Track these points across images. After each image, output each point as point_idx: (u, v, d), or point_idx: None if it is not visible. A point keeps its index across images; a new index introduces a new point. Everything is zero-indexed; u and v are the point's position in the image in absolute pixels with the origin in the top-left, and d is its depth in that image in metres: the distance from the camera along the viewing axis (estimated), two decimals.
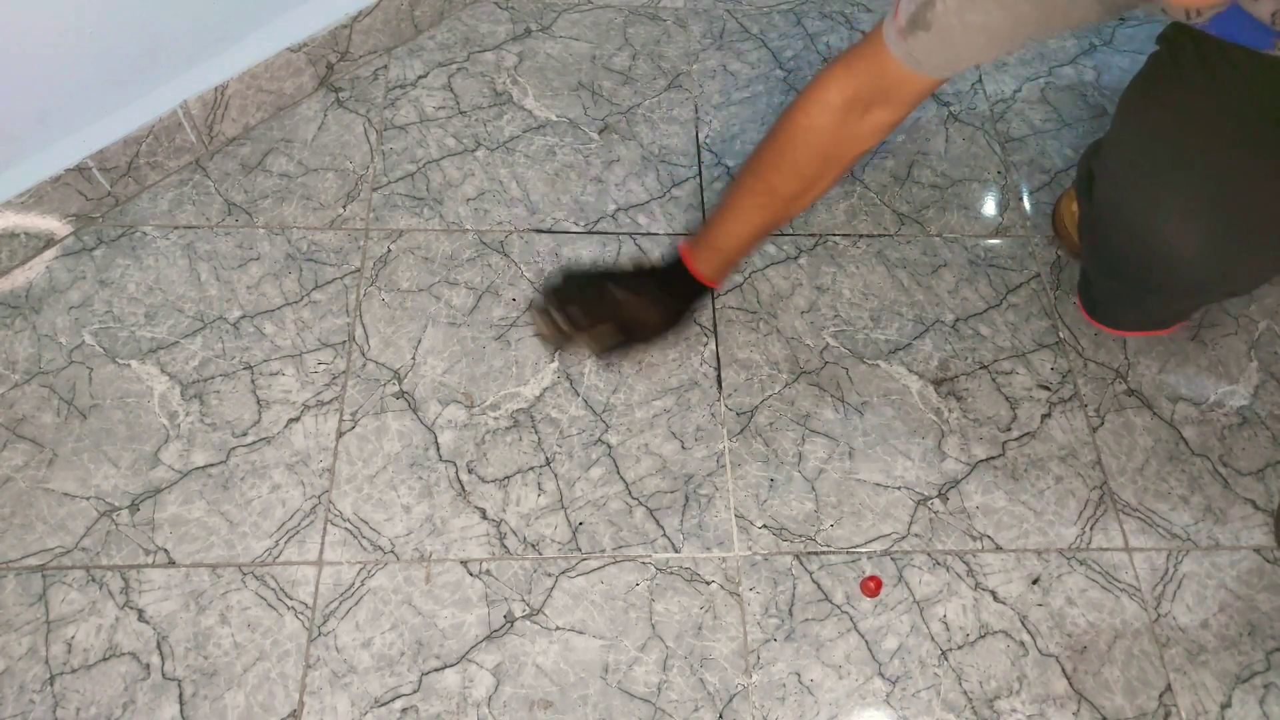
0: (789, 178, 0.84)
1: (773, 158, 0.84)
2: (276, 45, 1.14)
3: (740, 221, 0.89)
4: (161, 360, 1.00)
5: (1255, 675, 0.91)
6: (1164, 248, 0.88)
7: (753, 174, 0.86)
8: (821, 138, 0.81)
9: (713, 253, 0.92)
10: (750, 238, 0.90)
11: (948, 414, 1.04)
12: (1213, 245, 0.86)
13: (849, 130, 0.80)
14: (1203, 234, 0.85)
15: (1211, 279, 0.90)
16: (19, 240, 1.03)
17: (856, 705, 0.87)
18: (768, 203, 0.87)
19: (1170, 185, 0.86)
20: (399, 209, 1.13)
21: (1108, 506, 0.99)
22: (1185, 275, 0.90)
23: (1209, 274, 0.89)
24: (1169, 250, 0.87)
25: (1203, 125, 0.86)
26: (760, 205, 0.87)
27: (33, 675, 0.83)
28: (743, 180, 0.88)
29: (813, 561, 0.94)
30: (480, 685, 0.86)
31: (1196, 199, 0.85)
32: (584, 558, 0.92)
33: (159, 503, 0.92)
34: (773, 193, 0.86)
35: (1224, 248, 0.86)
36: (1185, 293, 0.97)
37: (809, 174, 0.84)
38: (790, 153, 0.83)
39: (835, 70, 0.79)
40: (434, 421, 0.99)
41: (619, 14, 1.34)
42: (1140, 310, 1.06)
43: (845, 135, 0.80)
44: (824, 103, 0.79)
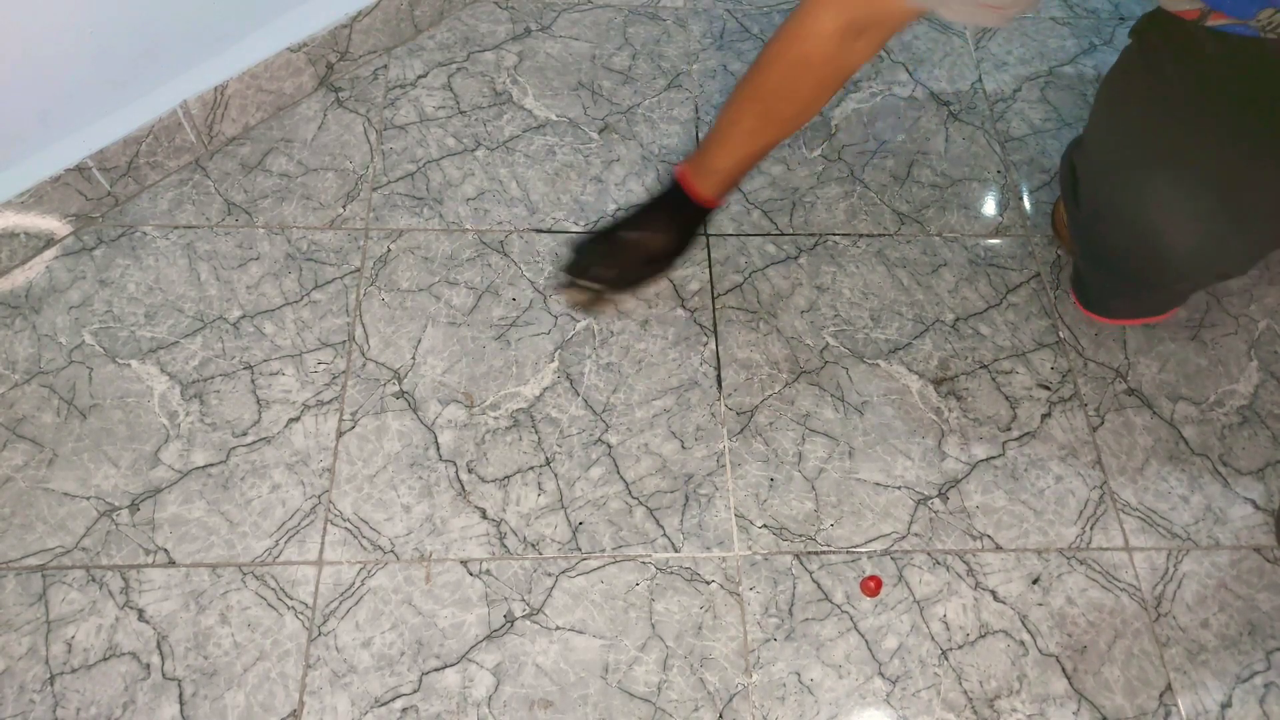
0: (788, 104, 0.87)
1: (773, 86, 0.87)
2: (276, 45, 1.14)
3: (739, 144, 0.91)
4: (161, 360, 1.00)
5: (1255, 675, 0.91)
6: (1153, 237, 0.89)
7: (751, 99, 0.89)
8: (820, 67, 0.84)
9: (712, 175, 0.94)
10: (750, 159, 0.93)
11: (948, 413, 1.04)
12: (1200, 231, 0.86)
13: (843, 57, 0.83)
14: (1189, 220, 0.86)
15: (1202, 264, 0.91)
16: (19, 240, 1.03)
17: (856, 705, 0.87)
18: (766, 126, 0.90)
19: (1153, 176, 0.87)
20: (399, 209, 1.13)
21: (1108, 506, 0.99)
22: (1175, 263, 0.90)
23: (1199, 259, 0.89)
24: (1158, 240, 0.88)
25: (1179, 114, 0.87)
26: (759, 129, 0.90)
27: (33, 675, 0.83)
28: (741, 106, 0.90)
29: (813, 561, 0.94)
30: (480, 685, 0.86)
31: (1180, 187, 0.86)
32: (584, 557, 0.92)
33: (159, 502, 0.92)
34: (771, 118, 0.89)
35: (1212, 232, 0.86)
36: (1177, 279, 0.97)
37: (807, 98, 0.87)
38: (792, 82, 0.85)
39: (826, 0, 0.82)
40: (434, 421, 0.99)
41: (619, 14, 1.34)
42: (1134, 299, 1.06)
43: (840, 61, 0.83)
44: (819, 33, 0.81)
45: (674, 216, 0.98)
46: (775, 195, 1.18)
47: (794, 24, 0.83)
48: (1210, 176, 0.85)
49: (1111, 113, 0.94)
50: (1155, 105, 0.89)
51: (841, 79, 0.86)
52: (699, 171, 0.94)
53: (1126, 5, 1.44)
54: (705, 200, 0.96)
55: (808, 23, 0.82)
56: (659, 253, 0.99)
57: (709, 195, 0.96)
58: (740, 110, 0.90)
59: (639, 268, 1.00)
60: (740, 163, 0.93)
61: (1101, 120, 0.95)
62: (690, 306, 1.09)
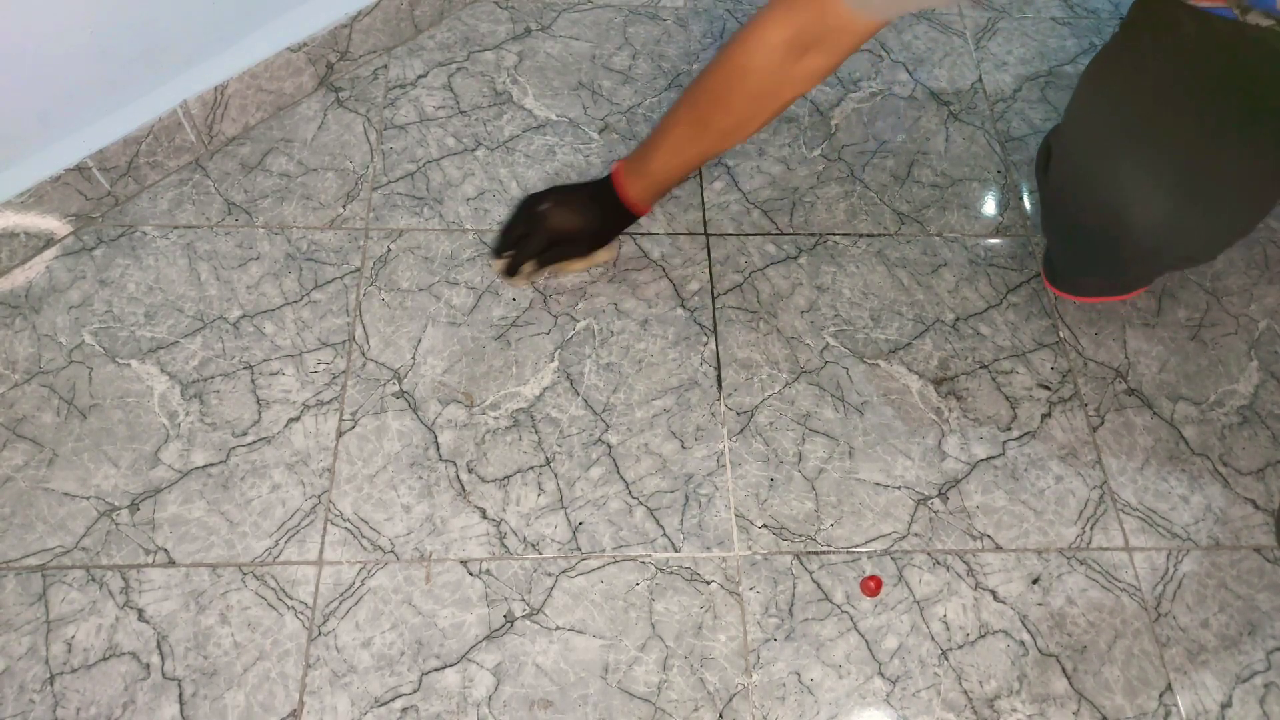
0: (723, 113, 0.85)
1: (709, 92, 0.85)
2: (276, 45, 1.14)
3: (672, 151, 0.90)
4: (161, 360, 1.00)
5: (1256, 675, 0.91)
6: (1121, 214, 0.89)
7: (689, 105, 0.87)
8: (757, 78, 0.81)
9: (644, 178, 0.93)
10: (681, 168, 0.92)
11: (948, 413, 1.04)
12: (1164, 208, 0.87)
13: (785, 73, 0.80)
14: (1157, 199, 0.86)
15: (1167, 244, 0.91)
16: (19, 240, 1.03)
17: (856, 705, 0.87)
18: (700, 134, 0.88)
19: (1126, 152, 0.88)
20: (399, 208, 1.13)
21: (1108, 506, 0.99)
22: (1141, 239, 0.91)
23: (1161, 237, 0.90)
24: (1126, 216, 0.89)
25: (1157, 96, 0.88)
26: (693, 137, 0.88)
27: (33, 675, 0.83)
28: (678, 111, 0.88)
29: (813, 561, 0.94)
30: (480, 685, 0.86)
31: (1151, 165, 0.86)
32: (584, 557, 0.92)
33: (159, 502, 0.92)
34: (705, 125, 0.87)
35: (1179, 213, 0.87)
36: (1144, 258, 0.97)
37: (743, 112, 0.85)
38: (726, 89, 0.83)
39: (775, 12, 0.79)
40: (434, 421, 0.99)
41: (619, 13, 1.34)
42: (1100, 277, 1.07)
43: (781, 77, 0.81)
44: (763, 42, 0.79)
45: (598, 204, 0.98)
46: (775, 195, 1.18)
47: (742, 32, 0.82)
48: (1178, 155, 0.85)
49: (1089, 89, 0.95)
50: (1130, 83, 0.90)
51: (781, 98, 0.83)
52: (632, 170, 0.94)
53: (1126, 5, 1.44)
54: (632, 204, 0.96)
55: (755, 31, 0.80)
56: (566, 230, 0.99)
57: (637, 199, 0.96)
58: (678, 113, 0.89)
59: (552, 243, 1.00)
60: (672, 170, 0.92)
61: (1079, 96, 0.96)
62: (690, 306, 1.09)
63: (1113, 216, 0.90)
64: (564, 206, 0.99)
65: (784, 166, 1.21)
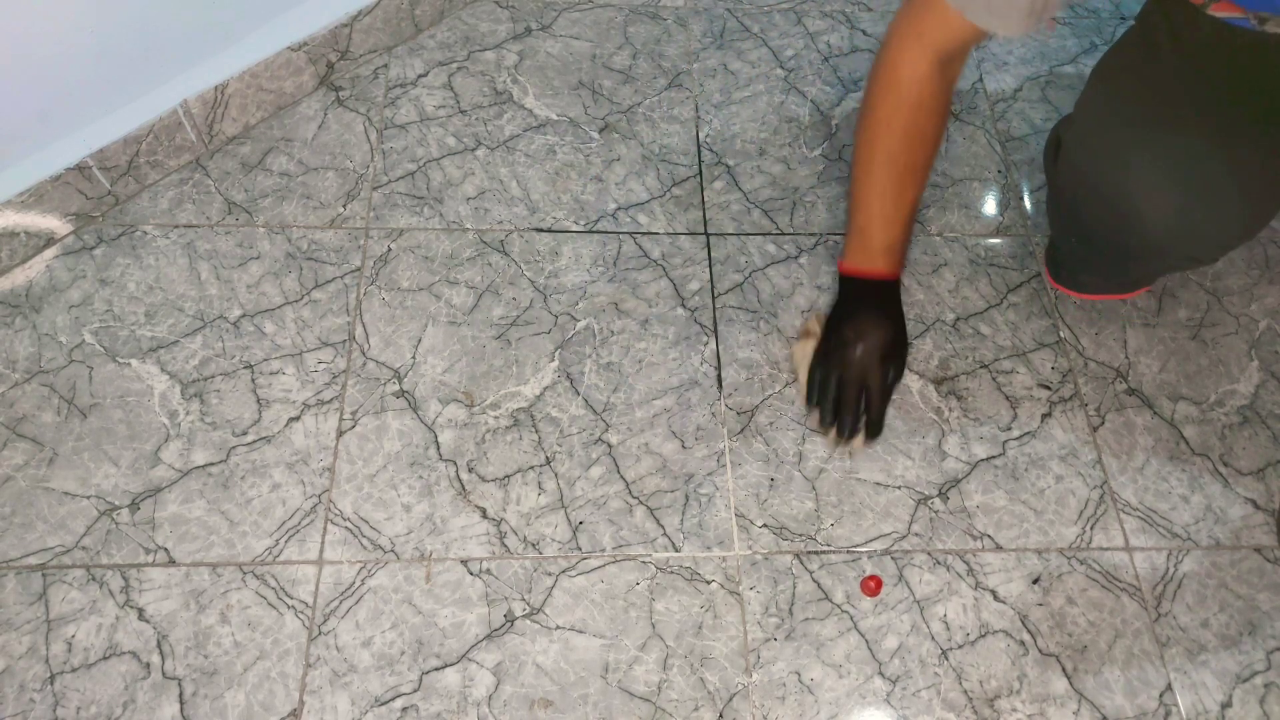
0: (922, 149, 0.88)
1: (900, 143, 0.87)
2: (277, 44, 1.14)
3: (896, 207, 0.90)
4: (162, 359, 1.00)
5: (1256, 675, 0.91)
6: (1129, 210, 0.89)
7: (885, 163, 0.88)
8: (929, 102, 0.85)
9: (886, 251, 0.91)
10: (911, 217, 0.92)
11: (948, 413, 1.04)
12: (1177, 210, 0.86)
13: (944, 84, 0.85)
14: (1168, 198, 0.86)
15: (1175, 243, 0.91)
16: (19, 239, 1.03)
17: (857, 704, 0.87)
18: (912, 179, 0.89)
19: (1138, 149, 0.87)
20: (399, 208, 1.13)
21: (1108, 506, 0.99)
22: (1149, 238, 0.90)
23: (1172, 238, 0.89)
24: (1135, 212, 0.88)
25: (1172, 94, 0.87)
26: (908, 185, 0.89)
27: (33, 674, 0.83)
28: (875, 174, 0.89)
29: (813, 561, 0.94)
30: (480, 684, 0.86)
31: (1164, 164, 0.86)
32: (584, 557, 0.92)
33: (159, 502, 0.92)
34: (913, 168, 0.89)
35: (1188, 213, 0.86)
36: (1149, 256, 0.97)
37: (933, 134, 0.88)
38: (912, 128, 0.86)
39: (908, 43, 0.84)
40: (434, 421, 0.99)
41: (619, 13, 1.34)
42: (1103, 274, 1.07)
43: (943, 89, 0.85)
44: (917, 77, 0.83)
45: (877, 306, 0.92)
46: (776, 195, 1.18)
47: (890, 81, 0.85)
48: (1190, 155, 0.85)
49: (1102, 83, 0.95)
50: (1145, 80, 0.90)
51: (950, 101, 0.88)
52: (869, 256, 0.91)
53: (1127, 5, 1.44)
54: (888, 276, 0.92)
55: (903, 73, 0.84)
56: (889, 349, 0.92)
57: (889, 270, 0.92)
58: (879, 180, 0.89)
59: (883, 375, 0.92)
60: (904, 227, 0.91)
61: (1092, 90, 0.96)
62: (690, 306, 1.09)
63: (1121, 213, 0.90)
64: (862, 339, 0.91)
65: (784, 166, 1.21)
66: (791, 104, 1.27)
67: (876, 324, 0.92)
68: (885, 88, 0.86)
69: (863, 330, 0.92)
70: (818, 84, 1.30)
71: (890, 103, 0.86)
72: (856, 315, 0.93)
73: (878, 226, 0.90)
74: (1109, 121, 0.91)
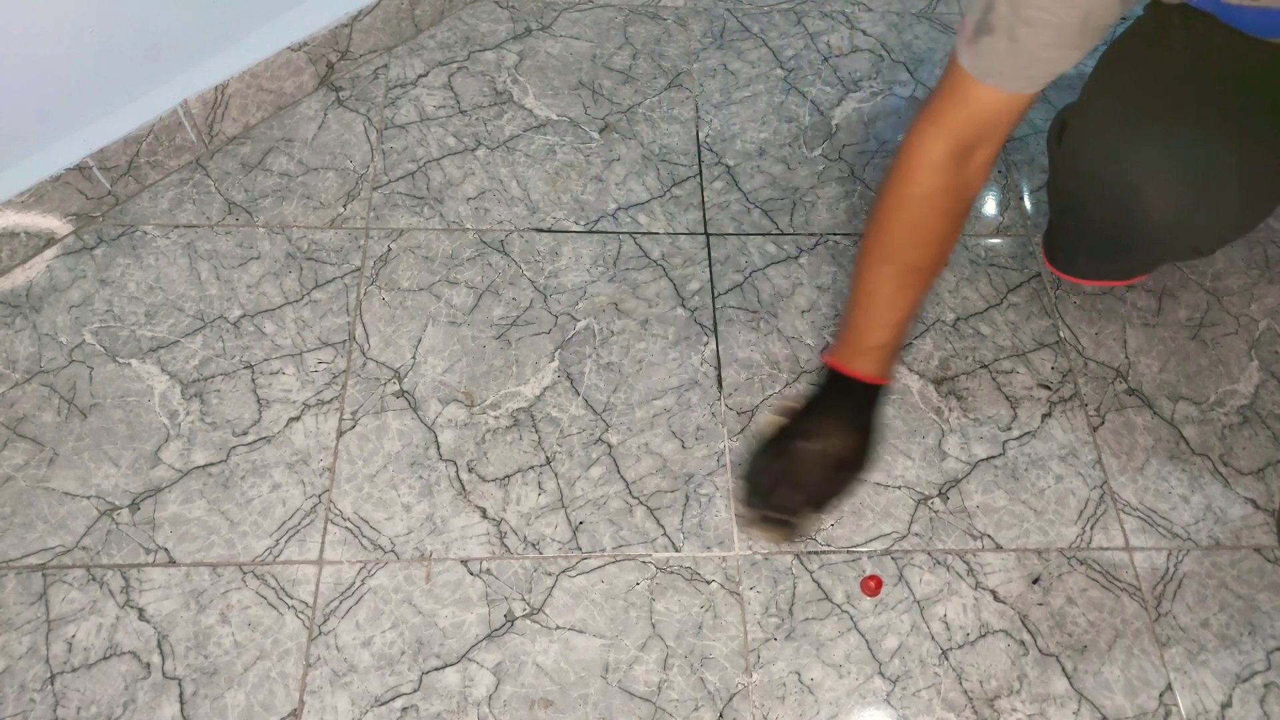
0: (923, 250, 0.80)
1: (899, 235, 0.80)
2: (277, 44, 1.14)
3: (887, 313, 0.83)
4: (162, 359, 1.00)
5: (1256, 675, 0.91)
6: (1131, 198, 0.88)
7: (882, 259, 0.81)
8: (940, 198, 0.78)
9: (870, 353, 0.84)
10: (904, 323, 0.84)
11: (948, 413, 1.04)
12: (1180, 199, 0.86)
13: (960, 179, 0.77)
14: (1170, 188, 0.86)
15: (1176, 233, 0.90)
16: (19, 239, 1.03)
17: (857, 704, 0.87)
18: (908, 282, 0.82)
19: (1143, 138, 0.86)
20: (399, 208, 1.13)
21: (1108, 506, 0.99)
22: (1150, 227, 0.90)
23: (1173, 228, 0.89)
24: (1136, 201, 0.88)
25: (1180, 84, 0.87)
26: (902, 288, 0.82)
27: (33, 674, 0.83)
28: (873, 270, 0.82)
29: (813, 561, 0.94)
30: (480, 684, 0.86)
31: (1167, 154, 0.85)
32: (584, 557, 0.92)
33: (159, 502, 0.92)
34: (912, 269, 0.81)
35: (1190, 203, 0.86)
36: (1149, 245, 0.97)
37: (942, 236, 0.81)
38: (916, 224, 0.79)
39: (924, 126, 0.76)
40: (434, 421, 0.99)
41: (619, 13, 1.34)
42: (1101, 259, 1.06)
43: (958, 185, 0.78)
44: (929, 165, 0.76)
45: (847, 411, 0.86)
46: (776, 195, 1.18)
47: (901, 168, 0.78)
48: (1193, 146, 0.85)
49: (1110, 70, 0.94)
50: (1154, 69, 0.89)
51: (967, 200, 0.80)
52: (855, 354, 0.85)
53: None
54: (874, 380, 0.85)
55: (914, 160, 0.77)
56: (845, 457, 0.85)
57: (876, 374, 0.85)
58: (876, 277, 0.82)
59: (829, 482, 0.86)
60: (896, 329, 0.83)
61: (1099, 76, 0.95)
62: (690, 306, 1.09)
63: (1123, 201, 0.89)
64: (831, 438, 0.84)
65: (784, 166, 1.21)
66: (791, 104, 1.27)
67: (842, 430, 0.85)
68: (897, 177, 0.78)
69: (825, 431, 0.85)
70: (818, 84, 1.30)
71: (898, 193, 0.78)
72: (824, 413, 0.86)
73: (868, 325, 0.83)
74: (1113, 110, 0.90)
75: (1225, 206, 0.87)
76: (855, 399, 0.85)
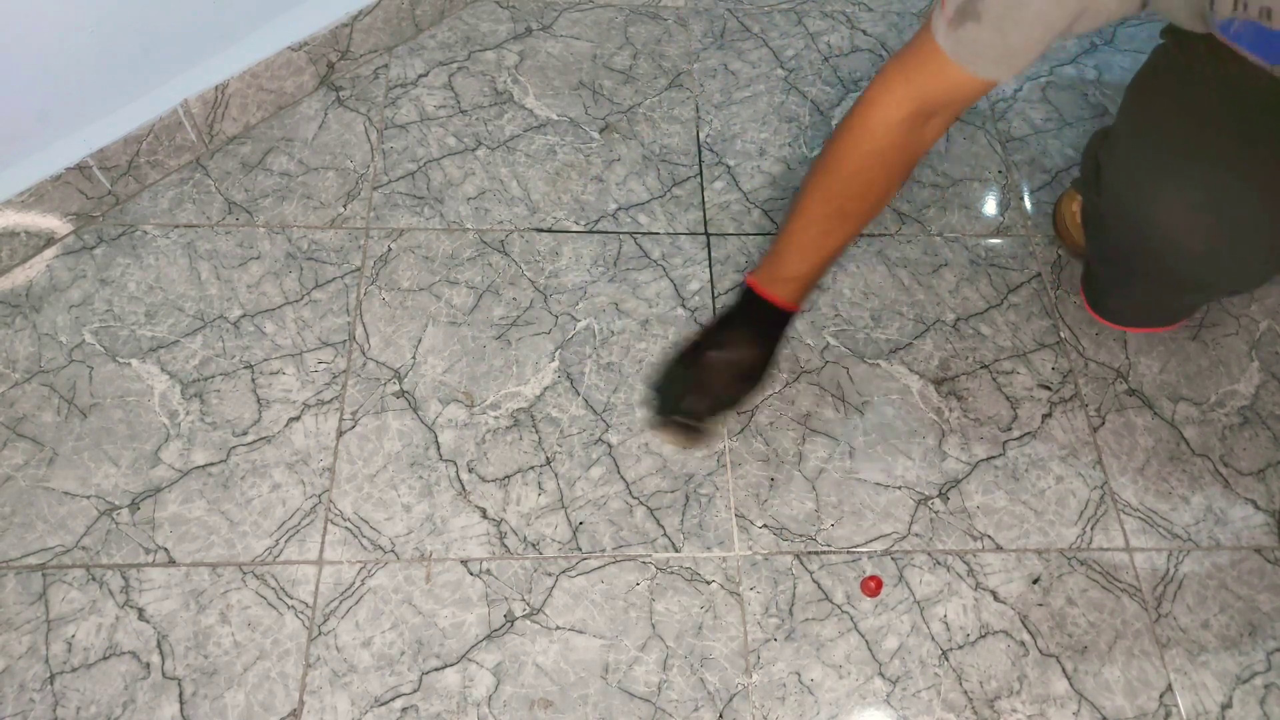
0: (862, 200, 0.83)
1: (842, 184, 0.83)
2: (277, 44, 1.14)
3: (814, 248, 0.86)
4: (162, 359, 1.00)
5: (1256, 675, 0.91)
6: (1172, 245, 0.87)
7: (821, 200, 0.84)
8: (890, 154, 0.80)
9: (789, 282, 0.87)
10: (826, 261, 0.87)
11: (948, 413, 1.04)
12: (1220, 243, 0.85)
13: (913, 140, 0.79)
14: (1210, 232, 0.85)
15: (1218, 277, 0.90)
16: (19, 239, 1.03)
17: (857, 705, 0.87)
18: (840, 224, 0.85)
19: (1180, 182, 0.86)
20: (399, 208, 1.13)
21: (1108, 506, 0.99)
22: (1192, 272, 0.90)
23: (1216, 272, 0.89)
24: (1177, 247, 0.87)
25: (1213, 122, 0.86)
26: (833, 229, 0.85)
27: (33, 674, 0.83)
28: (810, 208, 0.84)
29: (813, 561, 0.94)
30: (480, 684, 0.86)
31: (1206, 197, 0.85)
32: (584, 557, 0.92)
33: (159, 502, 0.92)
34: (844, 215, 0.84)
35: (1231, 246, 0.85)
36: (1191, 289, 0.97)
37: (881, 191, 0.83)
38: (861, 176, 0.81)
39: (892, 84, 0.77)
40: (434, 421, 0.99)
41: (620, 13, 1.34)
42: (1144, 306, 1.06)
43: (914, 148, 0.80)
44: (887, 122, 0.78)
45: (757, 328, 0.90)
46: (775, 195, 1.18)
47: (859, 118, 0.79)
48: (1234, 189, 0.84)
49: (1141, 110, 0.93)
50: (1185, 107, 0.88)
51: (914, 163, 0.83)
52: (774, 279, 0.88)
53: None
54: (786, 305, 0.89)
55: (874, 115, 0.78)
56: (749, 368, 0.89)
57: (789, 301, 0.88)
58: (811, 213, 0.84)
59: (733, 389, 0.90)
60: (817, 266, 0.87)
61: (1130, 117, 0.94)
62: (690, 306, 1.09)
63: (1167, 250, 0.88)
64: (732, 348, 0.88)
65: (784, 166, 1.21)
66: (791, 104, 1.27)
67: (751, 345, 0.89)
68: (852, 125, 0.80)
69: (735, 342, 0.88)
70: (818, 84, 1.30)
71: (852, 144, 0.80)
72: (737, 327, 0.90)
73: (793, 257, 0.86)
74: (1149, 154, 0.89)
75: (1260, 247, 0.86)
76: (768, 320, 0.89)
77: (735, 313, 0.90)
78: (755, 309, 0.89)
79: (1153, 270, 0.94)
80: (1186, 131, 0.87)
